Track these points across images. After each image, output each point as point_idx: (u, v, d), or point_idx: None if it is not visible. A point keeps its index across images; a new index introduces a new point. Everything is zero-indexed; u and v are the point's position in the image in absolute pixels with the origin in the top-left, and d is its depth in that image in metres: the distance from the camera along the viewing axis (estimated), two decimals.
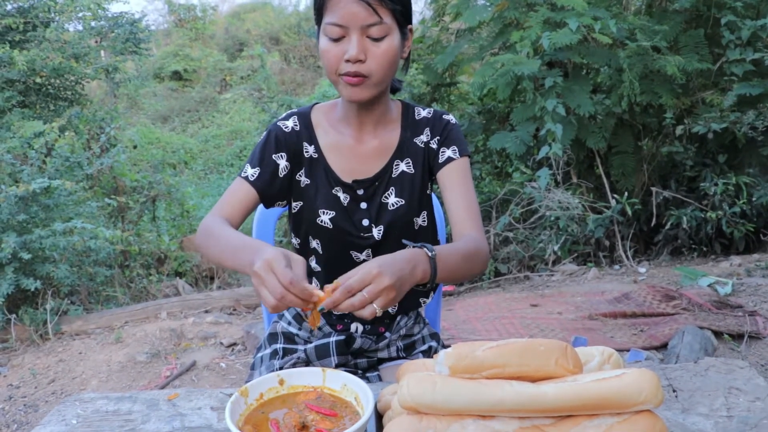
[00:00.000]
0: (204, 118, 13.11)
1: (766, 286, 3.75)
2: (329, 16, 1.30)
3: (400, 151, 1.49)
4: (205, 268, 5.97)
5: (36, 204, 3.96)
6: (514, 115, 4.81)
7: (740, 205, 4.40)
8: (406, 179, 1.48)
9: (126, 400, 1.29)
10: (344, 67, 1.32)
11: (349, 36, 1.30)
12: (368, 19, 1.28)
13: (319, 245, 1.48)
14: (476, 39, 5.59)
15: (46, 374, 3.34)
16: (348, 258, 1.48)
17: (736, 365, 1.30)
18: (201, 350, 3.53)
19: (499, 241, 5.03)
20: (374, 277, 1.10)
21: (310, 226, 1.47)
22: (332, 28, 1.30)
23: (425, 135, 1.51)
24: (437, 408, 0.97)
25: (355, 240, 1.46)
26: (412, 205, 1.48)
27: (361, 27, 1.29)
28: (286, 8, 17.83)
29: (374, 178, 1.47)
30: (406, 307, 1.58)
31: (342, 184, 1.45)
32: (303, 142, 1.47)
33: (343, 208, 1.46)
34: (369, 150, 1.47)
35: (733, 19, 4.28)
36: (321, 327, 1.55)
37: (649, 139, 4.87)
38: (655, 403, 0.94)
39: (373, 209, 1.47)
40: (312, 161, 1.47)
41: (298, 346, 1.58)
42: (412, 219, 1.50)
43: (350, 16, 1.28)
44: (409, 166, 1.49)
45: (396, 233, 1.47)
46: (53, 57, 4.96)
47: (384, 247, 1.47)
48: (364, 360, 1.57)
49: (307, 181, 1.47)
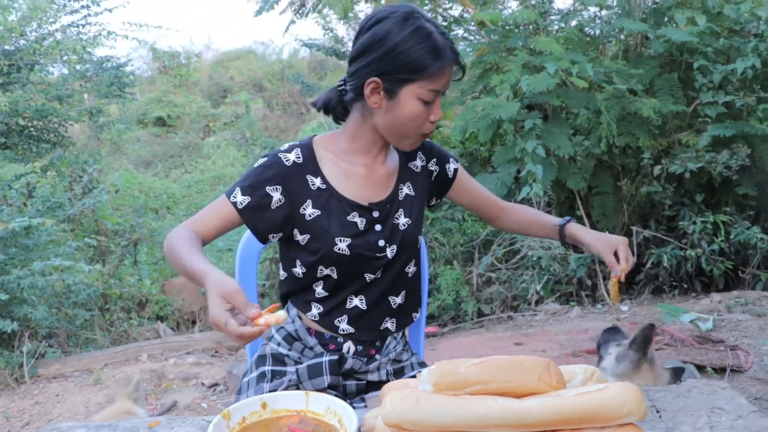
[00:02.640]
0: (187, 163, 13.10)
1: (746, 322, 3.78)
2: (433, 83, 1.38)
3: (402, 175, 1.60)
4: (187, 311, 5.90)
5: (15, 244, 3.91)
6: (495, 157, 4.87)
7: (718, 243, 4.45)
8: (410, 201, 1.59)
9: (105, 429, 1.26)
10: (428, 128, 1.45)
11: (436, 99, 1.42)
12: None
13: (334, 271, 1.51)
14: (457, 83, 5.68)
15: (21, 417, 3.26)
16: (362, 280, 1.54)
17: (717, 386, 1.31)
18: (182, 391, 3.48)
19: (482, 282, 5.03)
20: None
21: (326, 255, 1.49)
22: (432, 94, 1.39)
23: (419, 159, 1.64)
24: (422, 424, 0.97)
25: (372, 262, 1.52)
26: (417, 223, 1.59)
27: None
28: (270, 56, 18.04)
29: (386, 201, 1.54)
30: (403, 322, 1.64)
31: (359, 207, 1.50)
32: (307, 175, 1.49)
33: (359, 233, 1.50)
34: (380, 176, 1.55)
35: (705, 64, 4.40)
36: (312, 346, 1.57)
37: (628, 180, 4.94)
38: (638, 415, 0.94)
39: (387, 230, 1.53)
40: (320, 192, 1.48)
41: (287, 367, 1.58)
42: (417, 237, 1.60)
43: (447, 84, 1.42)
44: (410, 189, 1.60)
45: (405, 251, 1.57)
46: (36, 98, 4.97)
47: (394, 265, 1.56)
48: (353, 383, 1.57)
49: (317, 212, 1.48)
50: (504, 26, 5.08)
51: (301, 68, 15.35)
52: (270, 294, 5.80)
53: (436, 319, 4.94)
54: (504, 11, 5.48)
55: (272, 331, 1.64)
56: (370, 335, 1.57)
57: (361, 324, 1.55)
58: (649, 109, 4.30)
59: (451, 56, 1.39)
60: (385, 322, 1.58)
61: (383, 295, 1.56)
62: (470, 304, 4.82)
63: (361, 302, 1.54)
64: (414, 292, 1.65)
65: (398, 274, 1.58)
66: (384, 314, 1.58)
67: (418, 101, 1.39)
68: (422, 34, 1.36)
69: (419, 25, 1.37)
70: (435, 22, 1.41)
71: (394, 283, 1.57)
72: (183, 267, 1.32)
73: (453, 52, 1.39)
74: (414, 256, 1.61)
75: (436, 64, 1.37)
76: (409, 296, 1.63)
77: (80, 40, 5.74)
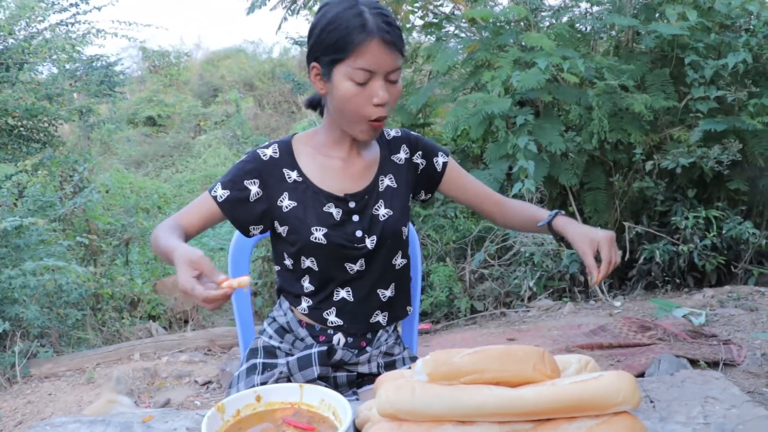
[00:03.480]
0: (178, 163, 13.06)
1: (738, 316, 3.80)
2: (359, 60, 1.34)
3: (383, 168, 1.58)
4: (179, 310, 5.88)
5: (6, 244, 3.89)
6: (487, 153, 4.88)
7: (710, 238, 4.47)
8: (392, 192, 1.57)
9: (99, 424, 1.26)
10: (374, 112, 1.39)
11: (373, 80, 1.36)
12: (392, 66, 1.37)
13: (314, 263, 1.52)
14: (448, 80, 5.69)
15: (13, 416, 3.24)
16: (343, 270, 1.53)
17: (711, 376, 1.32)
18: (175, 389, 3.46)
19: (474, 279, 5.04)
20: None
21: (304, 246, 1.50)
22: (361, 73, 1.35)
23: (403, 152, 1.62)
24: (416, 414, 0.97)
25: (350, 252, 1.51)
26: (400, 215, 1.57)
27: (385, 73, 1.37)
28: (260, 55, 18.02)
29: (364, 192, 1.53)
30: (395, 316, 1.63)
31: (334, 198, 1.50)
32: (283, 169, 1.51)
33: (336, 223, 1.50)
34: (357, 169, 1.54)
35: (696, 59, 4.41)
36: (303, 338, 1.58)
37: (620, 176, 4.95)
38: (632, 403, 0.94)
39: (365, 221, 1.52)
40: (296, 185, 1.50)
41: (278, 360, 1.58)
42: (401, 228, 1.57)
43: (381, 62, 1.35)
44: (392, 181, 1.58)
45: (388, 242, 1.55)
46: (26, 98, 4.94)
47: (377, 255, 1.54)
48: (344, 374, 1.57)
49: (293, 203, 1.49)
50: (495, 23, 5.09)
51: (291, 67, 15.32)
52: (262, 292, 5.79)
53: (429, 316, 4.94)
54: (495, 8, 5.49)
55: (265, 325, 1.65)
56: (360, 327, 1.57)
57: (349, 316, 1.55)
58: (640, 104, 4.31)
59: (376, 32, 1.32)
60: (376, 315, 1.58)
61: (372, 288, 1.56)
62: (463, 300, 4.82)
63: (348, 294, 1.54)
64: (404, 285, 1.65)
65: (385, 267, 1.57)
66: (374, 307, 1.57)
67: (349, 81, 1.36)
68: (352, 13, 1.34)
69: (352, 5, 1.35)
70: (378, 4, 1.37)
71: (381, 275, 1.56)
72: (161, 250, 1.34)
73: (383, 30, 1.33)
74: (400, 248, 1.59)
75: (358, 39, 1.33)
76: (400, 289, 1.62)
77: (69, 39, 5.71)
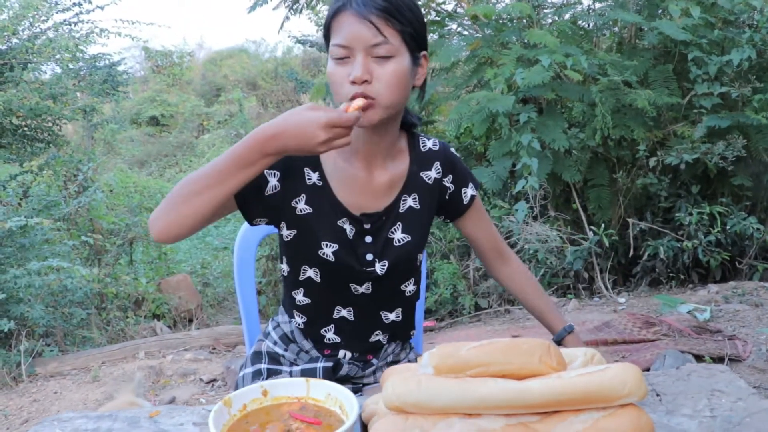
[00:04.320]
0: (181, 162, 13.09)
1: (743, 312, 3.79)
2: (335, 37, 1.27)
3: (408, 185, 1.44)
4: (183, 309, 5.89)
5: (11, 243, 3.90)
6: (490, 151, 4.87)
7: (715, 234, 4.46)
8: (413, 215, 1.45)
9: (106, 419, 1.26)
10: (350, 90, 1.25)
11: (354, 57, 1.26)
12: (372, 39, 1.24)
13: (318, 275, 1.42)
14: (451, 78, 5.68)
15: (19, 415, 3.25)
16: (347, 290, 1.44)
17: (717, 369, 1.32)
18: (180, 387, 3.47)
19: (478, 276, 5.04)
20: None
21: (310, 258, 1.41)
22: (337, 50, 1.27)
23: (434, 171, 1.48)
24: (423, 407, 0.97)
25: (357, 274, 1.42)
26: (418, 241, 1.46)
27: (366, 47, 1.25)
28: (263, 54, 18.05)
29: (383, 213, 1.42)
30: (398, 336, 1.57)
31: (349, 215, 1.39)
32: (305, 167, 1.39)
33: (347, 241, 1.40)
34: (379, 185, 1.41)
35: (700, 55, 4.40)
36: (308, 350, 1.52)
37: (624, 172, 4.94)
38: (639, 395, 0.94)
39: (378, 244, 1.42)
40: (315, 189, 1.38)
41: (283, 367, 1.54)
42: (416, 255, 1.47)
43: (354, 36, 1.25)
44: (416, 202, 1.45)
45: (400, 269, 1.45)
46: (30, 97, 4.95)
47: (386, 282, 1.45)
48: (350, 386, 1.55)
49: (308, 209, 1.38)
50: (497, 20, 5.08)
51: (294, 66, 15.35)
52: (266, 291, 5.80)
53: (433, 314, 4.94)
54: (497, 5, 5.48)
55: (269, 327, 1.59)
56: (359, 347, 1.50)
57: (348, 335, 1.49)
58: (644, 100, 4.30)
59: (349, 5, 1.25)
60: (376, 335, 1.51)
61: (375, 310, 1.49)
62: (467, 298, 4.82)
63: (349, 314, 1.47)
64: (411, 310, 1.55)
65: (393, 292, 1.49)
66: (374, 328, 1.50)
67: (331, 60, 1.29)
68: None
69: None
70: None
71: (387, 299, 1.49)
72: (218, 162, 1.20)
73: (357, 2, 1.25)
74: (412, 275, 1.49)
75: (332, 14, 1.29)
76: (406, 314, 1.53)
77: (73, 38, 5.72)
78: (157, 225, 1.23)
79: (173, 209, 1.22)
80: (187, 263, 7.04)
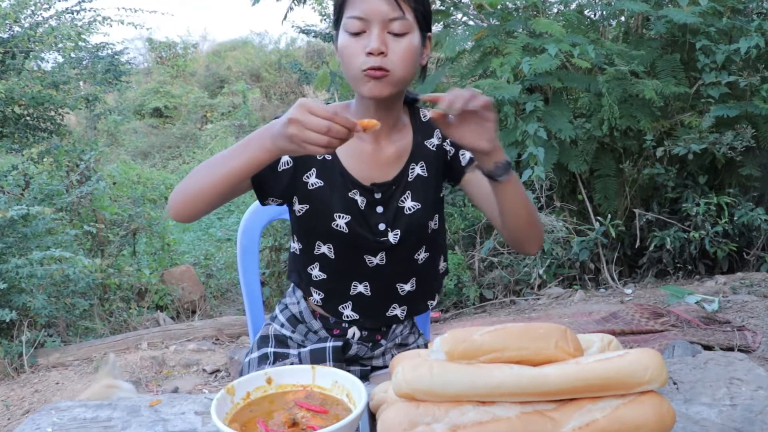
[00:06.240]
0: (185, 153, 13.05)
1: (752, 303, 3.75)
2: (350, 10, 1.28)
3: (415, 154, 1.46)
4: (186, 300, 5.87)
5: (13, 233, 3.87)
6: None
7: (722, 224, 4.42)
8: (422, 183, 1.46)
9: (105, 408, 1.23)
10: (367, 61, 1.27)
11: (369, 30, 1.27)
12: (391, 14, 1.26)
13: (331, 250, 1.44)
14: (457, 68, 5.64)
15: (21, 405, 3.23)
16: (361, 262, 1.45)
17: (734, 357, 1.28)
18: (183, 377, 3.45)
19: (484, 267, 5.00)
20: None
21: (323, 231, 1.42)
22: (353, 22, 1.28)
23: (435, 137, 1.50)
24: (434, 394, 0.93)
25: (371, 244, 1.43)
26: (427, 208, 1.47)
27: (383, 21, 1.26)
28: (267, 46, 17.95)
29: (392, 182, 1.44)
30: (415, 310, 1.55)
31: (360, 186, 1.41)
32: None
33: (360, 212, 1.41)
34: (387, 156, 1.44)
35: (708, 44, 4.35)
36: (317, 330, 1.52)
37: (630, 162, 4.90)
38: (660, 381, 0.90)
39: (389, 213, 1.44)
40: (325, 163, 1.40)
41: (290, 350, 1.54)
42: (427, 222, 1.48)
43: (372, 9, 1.26)
44: (423, 170, 1.47)
45: (412, 237, 1.46)
46: (32, 86, 4.91)
47: (399, 250, 1.46)
48: (358, 368, 1.53)
49: (319, 182, 1.40)
50: (503, 9, 5.03)
51: (298, 57, 15.26)
52: (270, 282, 5.77)
53: (438, 305, 4.91)
54: None
55: (276, 311, 1.59)
56: (376, 322, 1.51)
57: (365, 310, 1.49)
58: (651, 90, 4.25)
59: None
60: (393, 309, 1.51)
61: (390, 282, 1.49)
62: (472, 289, 4.79)
63: (366, 289, 1.47)
64: (426, 279, 1.55)
65: (406, 261, 1.49)
66: (391, 301, 1.50)
67: (345, 33, 1.30)
68: None
69: None
70: None
71: (402, 270, 1.49)
72: (226, 154, 1.24)
73: None
74: (424, 242, 1.49)
75: None
76: (421, 284, 1.53)
77: (75, 27, 5.68)
78: (175, 200, 1.29)
79: (193, 184, 1.27)
80: (191, 254, 7.02)
